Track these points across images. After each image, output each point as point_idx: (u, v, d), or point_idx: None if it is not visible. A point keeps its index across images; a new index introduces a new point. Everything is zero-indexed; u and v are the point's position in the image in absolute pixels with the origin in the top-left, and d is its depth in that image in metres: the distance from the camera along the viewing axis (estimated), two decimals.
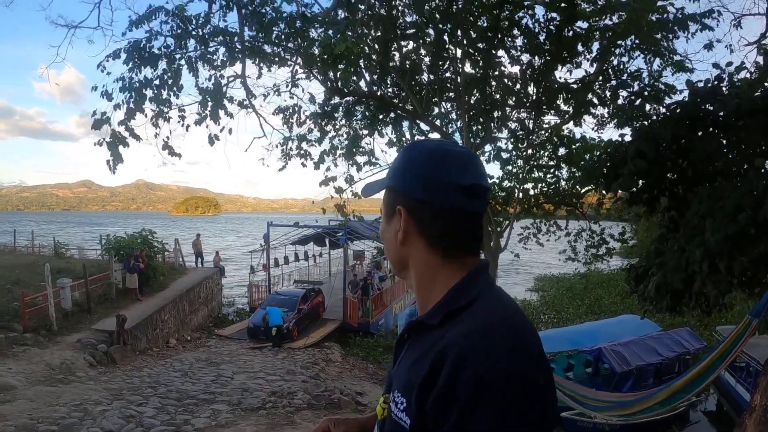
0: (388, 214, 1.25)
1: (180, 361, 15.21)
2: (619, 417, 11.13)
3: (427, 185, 1.16)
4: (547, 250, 17.86)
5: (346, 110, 9.81)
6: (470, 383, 0.95)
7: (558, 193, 11.65)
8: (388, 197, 1.26)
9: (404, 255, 1.23)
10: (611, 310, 25.29)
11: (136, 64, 7.53)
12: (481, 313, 1.07)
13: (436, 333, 1.09)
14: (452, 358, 0.99)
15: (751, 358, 13.02)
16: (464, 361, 0.97)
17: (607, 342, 14.02)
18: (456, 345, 1.00)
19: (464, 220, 1.17)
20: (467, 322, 1.05)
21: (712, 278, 5.95)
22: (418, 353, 1.11)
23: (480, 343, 0.99)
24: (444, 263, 1.18)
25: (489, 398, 0.93)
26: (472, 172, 1.16)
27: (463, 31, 8.10)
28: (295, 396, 10.81)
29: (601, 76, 9.43)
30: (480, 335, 1.01)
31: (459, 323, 1.06)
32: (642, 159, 6.48)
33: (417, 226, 1.18)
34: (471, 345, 0.99)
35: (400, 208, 1.19)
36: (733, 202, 5.64)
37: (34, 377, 10.86)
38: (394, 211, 1.22)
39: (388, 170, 1.28)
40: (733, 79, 7.16)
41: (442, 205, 1.14)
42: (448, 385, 0.97)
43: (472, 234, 1.19)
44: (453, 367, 0.98)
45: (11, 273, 17.57)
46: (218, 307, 25.52)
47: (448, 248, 1.17)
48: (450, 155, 1.17)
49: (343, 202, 9.74)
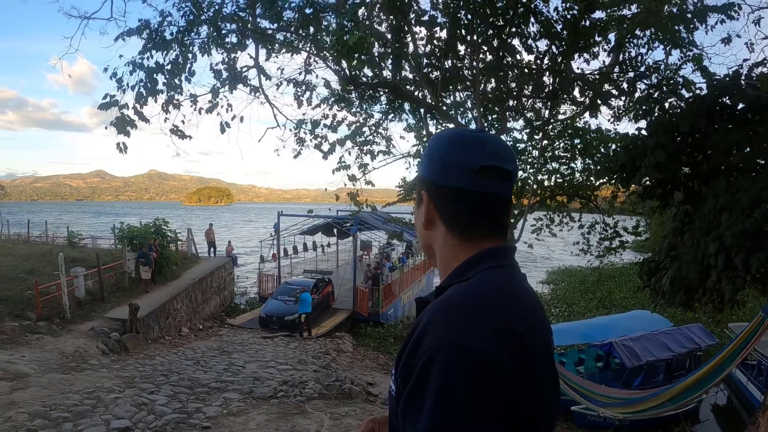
0: (418, 200, 1.31)
1: (192, 349, 15.30)
2: (625, 414, 11.09)
3: (444, 169, 1.20)
4: (561, 245, 17.82)
5: (360, 97, 9.77)
6: (424, 353, 0.99)
7: (572, 185, 11.54)
8: (417, 184, 1.32)
9: (430, 239, 1.28)
10: (622, 305, 25.21)
11: (148, 47, 7.53)
12: (462, 287, 1.11)
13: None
14: (418, 329, 1.05)
15: (762, 356, 12.93)
16: (426, 329, 1.02)
17: (618, 336, 13.95)
18: (425, 318, 1.06)
19: (479, 202, 1.19)
20: (443, 295, 1.12)
21: (727, 273, 5.89)
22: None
23: (441, 312, 1.04)
24: (459, 244, 1.21)
25: (438, 366, 0.95)
26: (486, 153, 1.18)
27: (479, 17, 8.02)
28: (306, 385, 10.85)
29: (619, 67, 9.33)
30: (446, 305, 1.06)
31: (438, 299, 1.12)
32: (662, 151, 6.42)
33: (438, 210, 1.23)
34: (433, 314, 1.05)
35: (423, 193, 1.25)
36: (750, 196, 5.57)
37: (47, 365, 10.95)
38: (421, 196, 1.27)
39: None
40: (752, 74, 7.08)
41: (455, 187, 1.18)
42: (410, 353, 1.03)
43: (489, 216, 1.20)
44: (417, 335, 1.04)
45: (25, 262, 17.76)
46: (230, 296, 25.68)
47: (463, 230, 1.21)
48: (467, 140, 1.21)
49: (357, 191, 9.71)
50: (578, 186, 11.56)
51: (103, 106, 7.41)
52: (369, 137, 10.04)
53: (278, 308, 20.22)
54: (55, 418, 7.81)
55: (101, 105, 7.43)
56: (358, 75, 8.59)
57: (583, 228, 12.56)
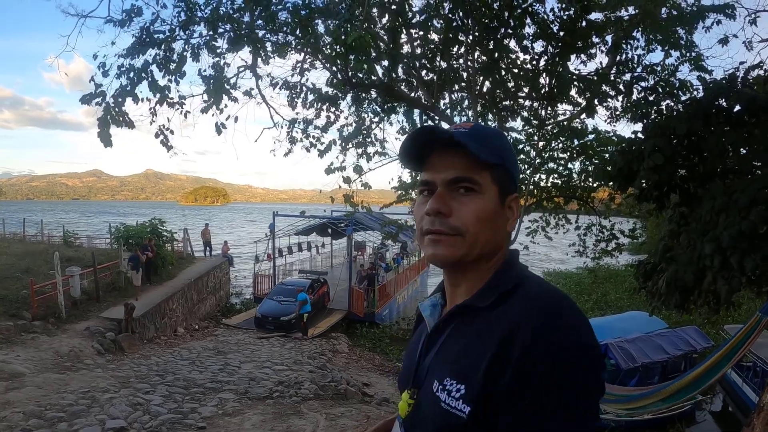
0: (503, 196, 1.19)
1: (188, 349, 15.28)
2: (621, 410, 11.11)
3: (519, 177, 1.27)
4: (557, 246, 17.86)
5: (354, 98, 9.74)
6: (549, 356, 0.95)
7: (569, 187, 11.55)
8: (505, 179, 1.19)
9: (503, 242, 1.22)
10: (617, 306, 25.29)
11: (136, 48, 7.42)
12: (537, 291, 1.09)
13: (489, 315, 1.08)
14: (525, 335, 0.98)
15: (758, 358, 12.97)
16: (539, 337, 0.97)
17: (613, 338, 13.99)
18: (526, 322, 1.00)
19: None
20: (528, 301, 1.06)
21: (723, 274, 5.90)
22: (469, 337, 1.10)
23: (550, 319, 1.00)
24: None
25: (567, 369, 0.95)
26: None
27: (472, 18, 8.02)
28: (302, 386, 10.84)
29: (616, 68, 9.34)
30: (548, 312, 1.02)
31: (518, 302, 1.07)
32: (660, 154, 6.43)
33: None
34: (543, 321, 0.99)
35: (516, 195, 1.23)
36: (746, 197, 5.59)
37: (42, 365, 10.92)
38: (508, 195, 1.20)
39: (495, 144, 1.19)
40: (748, 77, 7.10)
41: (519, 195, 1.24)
42: (524, 360, 0.96)
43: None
44: (528, 343, 0.97)
45: (21, 261, 17.71)
46: (226, 296, 25.69)
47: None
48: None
49: (352, 192, 9.70)
50: (575, 187, 11.57)
51: (86, 98, 7.25)
52: (363, 140, 10.03)
53: (274, 308, 20.22)
54: (50, 417, 7.79)
55: (83, 97, 7.24)
56: (355, 75, 8.58)
57: (579, 230, 12.57)
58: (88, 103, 7.21)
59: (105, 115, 7.22)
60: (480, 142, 1.13)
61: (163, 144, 8.47)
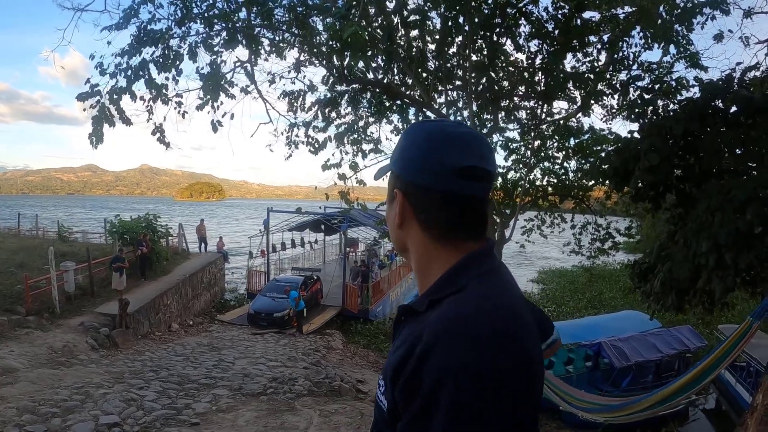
0: (390, 196, 1.23)
1: (182, 345, 15.27)
2: (607, 419, 11.11)
3: (422, 168, 1.12)
4: (553, 243, 17.91)
5: (351, 98, 9.74)
6: (432, 374, 0.93)
7: (565, 186, 11.57)
8: (390, 180, 1.24)
9: (403, 238, 1.22)
10: (611, 305, 25.32)
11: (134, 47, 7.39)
12: (460, 302, 1.02)
13: (420, 319, 1.07)
14: (420, 347, 0.97)
15: (751, 358, 12.99)
16: (430, 351, 0.95)
17: (607, 337, 13.99)
18: (425, 333, 0.98)
19: (461, 205, 1.13)
20: (442, 311, 1.02)
21: (718, 273, 5.92)
22: (402, 338, 1.09)
23: (447, 334, 0.96)
24: (440, 247, 1.15)
25: (448, 392, 0.90)
26: (471, 153, 1.12)
27: (466, 18, 8.02)
28: (296, 382, 10.84)
29: (612, 66, 9.36)
30: (449, 325, 0.97)
31: (435, 313, 1.03)
32: (656, 154, 6.44)
33: (413, 210, 1.16)
34: (437, 335, 0.96)
35: (397, 191, 1.18)
36: (741, 196, 5.60)
37: (36, 360, 10.89)
38: (393, 193, 1.20)
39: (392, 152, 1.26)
40: (745, 78, 7.11)
41: (435, 188, 1.11)
42: (412, 373, 0.97)
43: (471, 218, 1.15)
44: (419, 356, 0.97)
45: (15, 256, 17.65)
46: (221, 292, 25.66)
47: (443, 232, 1.14)
48: (448, 137, 1.13)
49: (348, 189, 9.70)
50: (571, 186, 11.59)
51: (82, 96, 7.22)
52: (359, 137, 10.03)
53: (267, 305, 20.21)
54: (43, 413, 7.78)
55: (80, 95, 7.22)
56: (351, 72, 8.57)
57: (575, 228, 12.59)
58: (84, 101, 7.18)
59: (100, 114, 7.20)
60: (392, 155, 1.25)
61: (160, 141, 8.45)
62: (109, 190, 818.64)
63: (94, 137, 7.25)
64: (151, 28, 7.52)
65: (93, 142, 7.29)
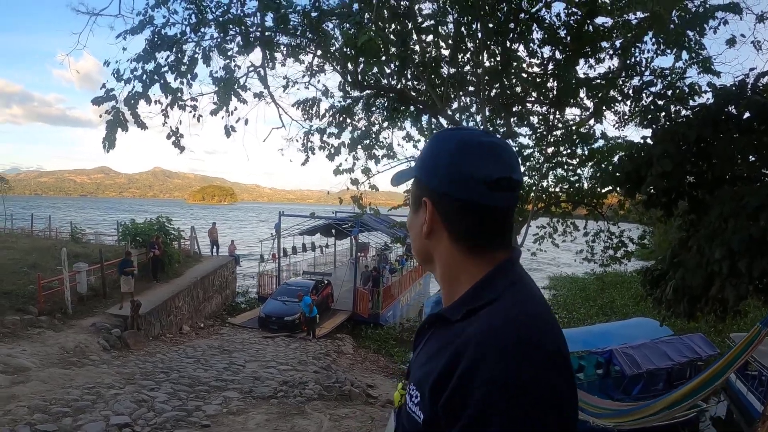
0: (415, 205, 1.21)
1: (193, 347, 15.33)
2: (617, 424, 11.04)
3: (453, 178, 1.11)
4: (565, 251, 17.83)
5: (365, 103, 9.77)
6: (483, 387, 0.91)
7: (578, 193, 11.52)
8: (415, 188, 1.21)
9: (429, 248, 1.19)
10: (623, 312, 25.13)
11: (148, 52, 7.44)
12: (501, 312, 1.02)
13: (456, 329, 1.05)
14: (467, 360, 0.96)
15: (763, 367, 12.87)
16: (479, 364, 0.94)
17: (618, 344, 13.91)
18: (472, 345, 0.97)
19: (490, 215, 1.12)
20: (485, 322, 1.01)
21: (732, 280, 5.88)
22: (436, 347, 1.08)
23: (496, 346, 0.95)
24: (469, 258, 1.14)
25: (502, 404, 0.89)
26: (501, 164, 1.10)
27: (480, 24, 8.03)
28: (306, 386, 10.85)
29: (624, 72, 9.33)
30: (497, 336, 0.97)
31: (476, 321, 1.02)
32: (668, 160, 6.40)
33: (442, 220, 1.14)
34: (486, 346, 0.95)
35: (426, 200, 1.15)
36: (755, 202, 5.56)
37: (48, 359, 10.98)
38: (421, 202, 1.17)
39: (417, 159, 1.24)
40: (758, 83, 7.07)
41: (468, 199, 1.10)
42: (460, 386, 0.95)
43: (500, 228, 1.14)
44: (467, 368, 0.95)
45: (28, 257, 17.79)
46: (232, 295, 25.74)
47: (473, 243, 1.13)
48: (479, 146, 1.12)
49: (360, 194, 9.72)
50: (584, 193, 11.53)
51: (97, 100, 7.28)
52: (371, 143, 10.05)
53: (278, 309, 20.24)
54: (54, 412, 7.83)
55: (95, 99, 7.27)
56: (365, 77, 8.59)
57: (587, 236, 12.53)
58: (99, 105, 7.24)
59: (114, 119, 7.26)
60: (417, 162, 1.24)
61: (175, 145, 8.49)
62: (121, 193, 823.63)
63: (106, 141, 7.31)
64: (165, 32, 7.58)
65: (105, 146, 7.34)
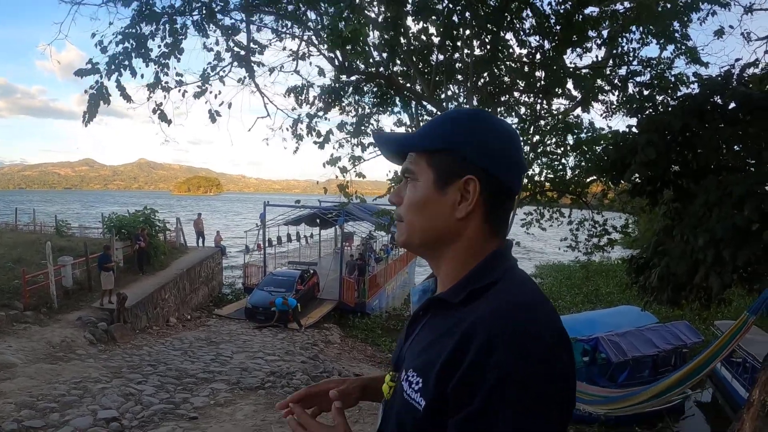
0: (441, 181, 1.12)
1: (180, 339, 15.28)
2: (607, 411, 11.17)
3: (509, 163, 1.12)
4: (550, 239, 17.92)
5: (354, 88, 9.72)
6: (499, 367, 0.91)
7: (563, 181, 11.57)
8: (447, 162, 1.12)
9: (455, 230, 1.13)
10: (608, 300, 25.38)
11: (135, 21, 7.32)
12: (508, 293, 1.03)
13: (458, 312, 1.05)
14: (480, 340, 0.94)
15: (748, 354, 13.05)
16: (492, 344, 0.93)
17: (604, 332, 14.04)
18: (484, 326, 0.96)
19: (512, 202, 1.18)
20: (494, 303, 1.01)
21: (716, 268, 5.93)
22: (438, 332, 1.07)
23: (509, 326, 0.94)
24: (488, 243, 1.13)
25: (518, 383, 0.89)
26: (523, 153, 1.17)
27: (471, 11, 7.99)
28: (293, 376, 10.86)
29: (612, 62, 9.36)
30: (509, 317, 0.96)
31: (484, 303, 1.02)
32: (653, 148, 6.43)
33: (483, 200, 1.11)
34: (501, 327, 0.94)
35: (472, 179, 1.09)
36: (740, 191, 5.61)
37: (34, 355, 10.89)
38: (455, 178, 1.11)
39: (439, 130, 1.16)
40: (744, 74, 7.11)
41: (511, 184, 1.12)
42: (474, 367, 0.93)
43: (509, 216, 1.20)
44: (481, 349, 0.93)
45: (12, 251, 17.60)
46: (218, 286, 25.67)
47: (498, 228, 1.14)
48: (514, 134, 1.17)
49: (347, 183, 9.69)
50: (569, 182, 11.58)
51: (81, 72, 7.14)
52: (359, 129, 10.01)
53: (264, 299, 20.18)
54: (41, 408, 7.78)
55: (79, 71, 7.10)
56: (352, 64, 8.56)
57: (572, 224, 12.60)
58: (82, 77, 7.10)
59: (97, 93, 7.16)
60: (423, 131, 1.18)
61: (162, 119, 8.32)
62: (106, 185, 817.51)
63: (87, 113, 7.20)
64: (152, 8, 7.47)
65: (85, 119, 7.23)
